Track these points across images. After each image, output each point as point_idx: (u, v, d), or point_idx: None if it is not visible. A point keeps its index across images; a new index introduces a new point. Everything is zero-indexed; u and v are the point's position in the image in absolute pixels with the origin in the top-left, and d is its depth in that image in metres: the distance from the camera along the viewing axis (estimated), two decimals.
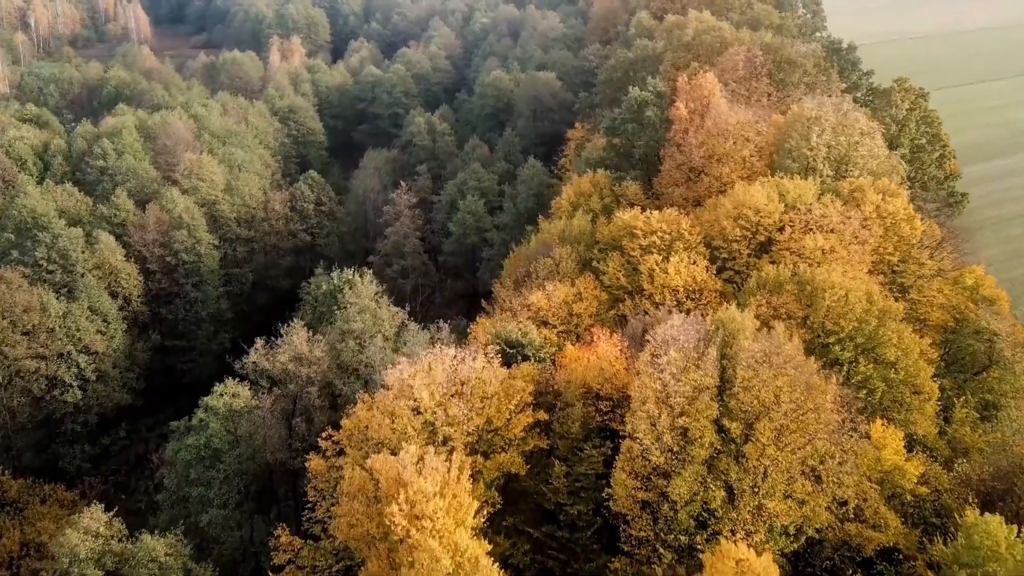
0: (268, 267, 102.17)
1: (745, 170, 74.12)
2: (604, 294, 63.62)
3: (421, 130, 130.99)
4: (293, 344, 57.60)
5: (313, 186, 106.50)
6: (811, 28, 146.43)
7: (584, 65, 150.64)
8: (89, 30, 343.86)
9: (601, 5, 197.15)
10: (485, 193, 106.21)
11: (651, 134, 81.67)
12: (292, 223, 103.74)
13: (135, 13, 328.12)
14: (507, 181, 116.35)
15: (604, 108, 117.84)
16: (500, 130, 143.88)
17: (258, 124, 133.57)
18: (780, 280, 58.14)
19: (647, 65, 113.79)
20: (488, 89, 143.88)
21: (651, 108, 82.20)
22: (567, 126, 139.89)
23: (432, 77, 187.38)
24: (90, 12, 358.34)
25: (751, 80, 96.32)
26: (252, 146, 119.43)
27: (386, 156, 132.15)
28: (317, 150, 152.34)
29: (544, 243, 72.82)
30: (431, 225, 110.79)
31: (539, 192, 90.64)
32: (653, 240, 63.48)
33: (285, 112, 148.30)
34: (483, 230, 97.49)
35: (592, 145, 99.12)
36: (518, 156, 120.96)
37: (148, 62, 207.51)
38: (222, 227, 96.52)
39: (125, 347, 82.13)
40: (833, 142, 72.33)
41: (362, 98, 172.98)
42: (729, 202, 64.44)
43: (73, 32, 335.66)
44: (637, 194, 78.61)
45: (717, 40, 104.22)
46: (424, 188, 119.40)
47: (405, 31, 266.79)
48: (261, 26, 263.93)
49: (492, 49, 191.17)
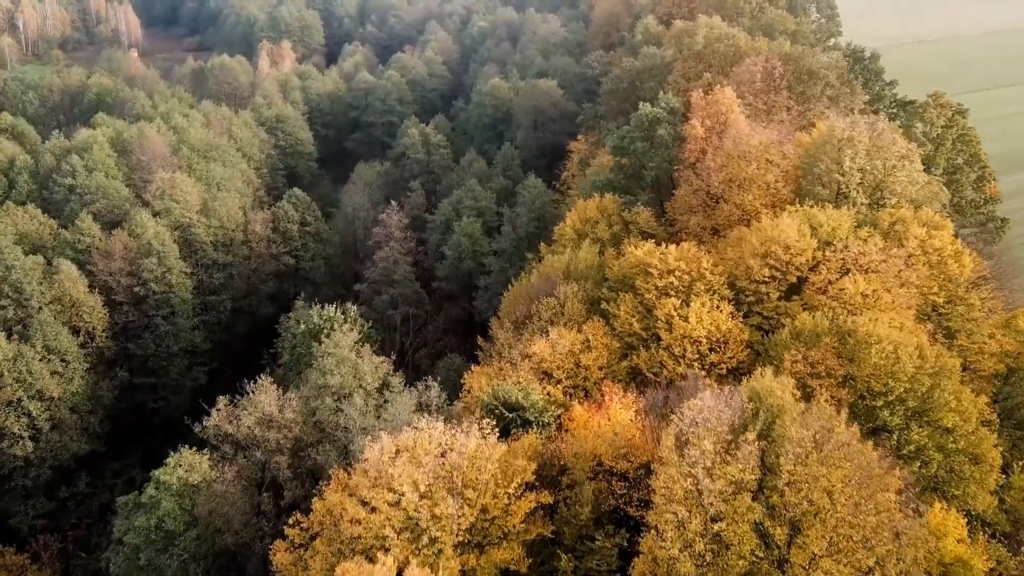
0: (248, 293, 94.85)
1: (770, 197, 66.83)
2: (615, 342, 56.32)
3: (415, 142, 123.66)
4: (260, 405, 50.25)
5: (297, 205, 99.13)
6: (826, 33, 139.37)
7: (587, 72, 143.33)
8: (80, 32, 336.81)
9: (603, 8, 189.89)
10: (482, 213, 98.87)
11: (664, 155, 74.38)
12: (274, 246, 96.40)
13: (125, 15, 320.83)
14: (505, 199, 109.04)
15: (609, 120, 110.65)
16: (499, 141, 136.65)
17: (242, 136, 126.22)
18: (817, 331, 50.86)
19: (655, 75, 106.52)
20: (486, 98, 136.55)
21: (663, 126, 74.93)
22: (569, 137, 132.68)
23: (428, 84, 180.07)
24: (81, 14, 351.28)
25: (769, 93, 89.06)
26: (234, 160, 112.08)
27: (377, 170, 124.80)
28: (306, 161, 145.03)
29: (547, 278, 65.52)
30: (424, 247, 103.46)
31: (541, 215, 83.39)
32: (670, 281, 56.16)
33: (272, 122, 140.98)
34: (480, 254, 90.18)
35: (598, 164, 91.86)
36: (517, 171, 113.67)
37: (134, 67, 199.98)
38: (197, 252, 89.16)
39: (87, 388, 74.81)
40: (868, 166, 65.04)
41: (355, 106, 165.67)
42: (755, 238, 57.13)
43: (63, 34, 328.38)
44: (649, 221, 71.32)
45: (731, 49, 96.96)
46: (417, 205, 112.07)
47: (401, 34, 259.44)
48: (252, 29, 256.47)
49: (490, 54, 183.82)
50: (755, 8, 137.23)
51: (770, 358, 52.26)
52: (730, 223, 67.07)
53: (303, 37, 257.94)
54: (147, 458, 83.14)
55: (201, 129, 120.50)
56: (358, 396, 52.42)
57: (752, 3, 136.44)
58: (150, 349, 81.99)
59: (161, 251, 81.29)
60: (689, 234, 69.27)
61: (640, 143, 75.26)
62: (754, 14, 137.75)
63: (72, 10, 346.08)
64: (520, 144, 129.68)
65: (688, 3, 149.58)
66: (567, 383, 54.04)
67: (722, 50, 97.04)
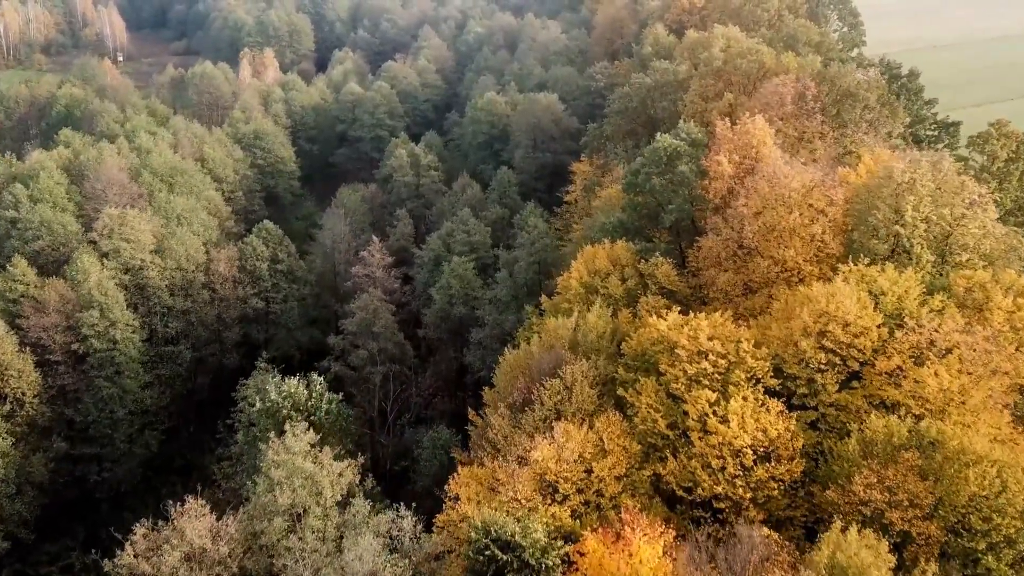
0: (210, 342, 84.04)
1: (815, 251, 56.11)
2: (635, 444, 45.55)
3: (403, 163, 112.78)
4: (187, 535, 39.45)
5: (268, 240, 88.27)
6: (849, 43, 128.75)
7: (590, 85, 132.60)
8: (65, 36, 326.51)
9: (606, 14, 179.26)
10: (475, 249, 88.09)
11: (685, 194, 63.63)
12: (241, 287, 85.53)
13: (110, 18, 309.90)
14: (502, 229, 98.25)
15: (617, 142, 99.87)
16: (495, 160, 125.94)
17: (214, 156, 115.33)
18: (896, 441, 40.15)
19: (668, 93, 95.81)
20: (481, 114, 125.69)
21: (685, 161, 64.14)
22: (572, 156, 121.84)
23: (420, 94, 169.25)
24: (67, 16, 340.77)
25: (802, 118, 78.41)
26: (202, 187, 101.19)
27: (362, 194, 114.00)
28: (287, 180, 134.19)
29: (550, 348, 54.76)
30: (411, 284, 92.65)
31: (541, 259, 72.64)
32: (703, 367, 45.40)
33: (250, 138, 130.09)
34: (472, 298, 79.40)
35: (606, 198, 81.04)
36: (515, 198, 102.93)
37: (110, 76, 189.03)
38: (150, 298, 78.35)
39: (13, 464, 63.98)
40: (934, 216, 54.33)
41: (342, 119, 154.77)
42: (807, 312, 46.34)
43: (47, 38, 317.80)
44: (670, 276, 60.50)
45: (755, 66, 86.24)
46: (404, 236, 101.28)
47: (395, 39, 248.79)
48: (239, 34, 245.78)
49: (486, 63, 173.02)
50: (773, 16, 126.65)
51: (833, 474, 41.59)
52: (766, 281, 56.34)
53: (292, 43, 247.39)
54: (90, 538, 72.40)
55: (168, 150, 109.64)
56: (314, 517, 41.67)
57: (770, 11, 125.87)
58: (91, 415, 71.22)
59: (104, 303, 70.47)
60: (717, 292, 58.57)
61: (657, 180, 64.48)
62: (771, 22, 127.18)
63: (57, 12, 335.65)
64: (518, 165, 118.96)
65: (699, 11, 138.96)
66: (576, 500, 43.30)
67: (745, 67, 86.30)
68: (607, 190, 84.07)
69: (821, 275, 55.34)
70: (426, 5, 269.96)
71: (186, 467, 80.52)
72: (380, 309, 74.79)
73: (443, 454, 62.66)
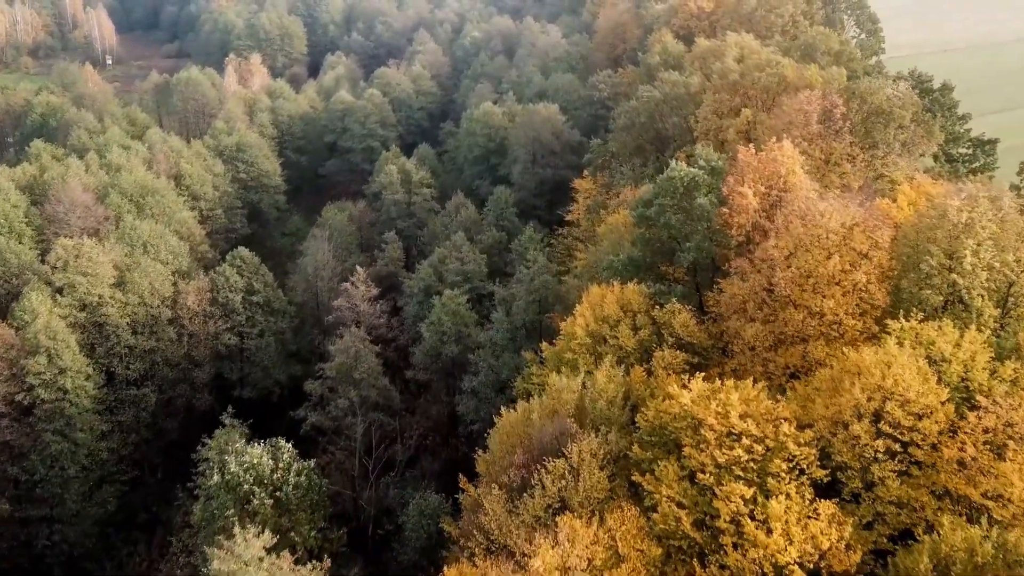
0: (178, 382, 76.54)
1: (857, 301, 48.71)
2: (656, 547, 38.11)
3: (393, 180, 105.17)
4: None
5: (243, 269, 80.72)
6: (868, 51, 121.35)
7: (593, 95, 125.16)
8: (55, 38, 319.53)
9: (608, 17, 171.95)
10: (470, 279, 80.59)
11: (704, 230, 56.16)
12: (212, 322, 77.99)
13: (98, 20, 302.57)
14: (499, 253, 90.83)
15: (623, 160, 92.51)
16: (491, 175, 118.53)
17: (192, 172, 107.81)
18: (980, 560, 32.74)
19: (678, 107, 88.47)
20: (477, 126, 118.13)
21: (703, 192, 56.66)
22: (573, 171, 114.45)
23: (414, 102, 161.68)
24: (56, 18, 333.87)
25: (829, 138, 71.09)
26: (175, 207, 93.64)
27: (350, 212, 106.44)
28: (272, 195, 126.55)
29: (552, 414, 47.34)
30: (400, 315, 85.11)
31: (542, 297, 65.12)
32: (736, 454, 37.96)
33: (232, 151, 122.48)
34: (466, 335, 71.90)
35: (612, 225, 73.52)
36: (513, 219, 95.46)
37: (91, 82, 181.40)
38: (109, 338, 70.83)
39: None
40: (996, 262, 46.96)
41: (331, 129, 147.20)
42: (859, 388, 38.92)
43: (35, 40, 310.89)
44: (688, 326, 53.03)
45: (775, 79, 78.87)
46: (392, 261, 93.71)
47: (390, 43, 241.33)
48: (229, 37, 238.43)
49: (483, 69, 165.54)
50: (787, 23, 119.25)
51: None
52: (802, 336, 48.95)
53: (284, 46, 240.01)
54: None
55: (141, 167, 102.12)
56: None
57: (784, 17, 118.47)
58: (39, 473, 63.71)
59: (52, 347, 62.92)
60: (743, 345, 51.18)
61: (672, 215, 56.99)
62: (785, 28, 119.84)
63: (46, 14, 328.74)
64: (516, 181, 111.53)
65: (708, 16, 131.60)
66: None
67: (764, 81, 78.93)
68: (613, 215, 76.58)
69: (865, 330, 48.08)
70: (422, 7, 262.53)
71: (151, 521, 73.06)
72: (363, 352, 67.21)
73: (431, 524, 55.22)
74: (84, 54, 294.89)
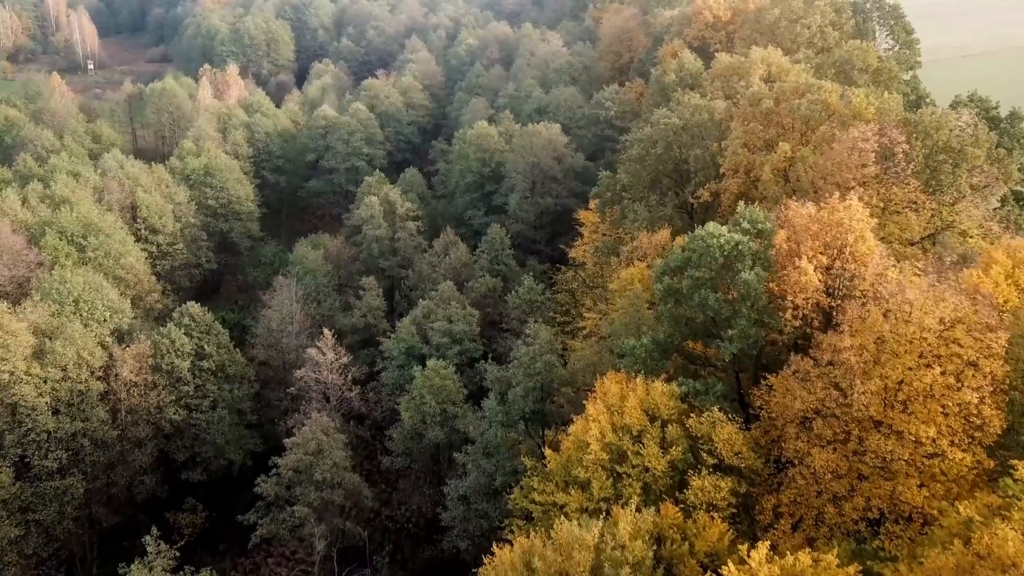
0: (113, 466, 64.52)
1: (964, 426, 36.76)
2: None
3: (375, 213, 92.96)
4: None
5: (192, 329, 68.65)
6: (904, 64, 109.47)
7: (599, 114, 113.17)
8: (37, 42, 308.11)
9: (612, 24, 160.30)
10: (459, 340, 68.54)
11: (752, 315, 44.15)
12: (154, 394, 65.95)
13: (80, 23, 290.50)
14: (493, 303, 78.86)
15: (636, 195, 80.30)
16: (486, 203, 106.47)
17: (149, 202, 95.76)
18: None
19: (700, 136, 76.48)
20: (470, 149, 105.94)
21: (748, 264, 44.62)
22: (577, 199, 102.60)
23: (404, 116, 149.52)
24: (39, 21, 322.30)
25: (890, 184, 59.19)
26: (122, 248, 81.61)
27: (326, 249, 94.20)
28: (244, 223, 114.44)
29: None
30: (377, 381, 73.02)
31: (545, 381, 53.04)
32: None
33: (199, 175, 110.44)
34: (452, 417, 59.90)
35: (628, 280, 61.58)
36: (509, 262, 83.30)
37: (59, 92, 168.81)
38: (23, 423, 58.78)
39: None
40: None
41: (312, 147, 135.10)
42: None
43: (15, 44, 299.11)
44: (734, 443, 41.08)
45: (818, 108, 66.97)
46: (372, 310, 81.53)
47: (382, 48, 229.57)
48: (213, 43, 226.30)
49: (478, 81, 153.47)
50: (814, 35, 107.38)
51: None
52: (893, 470, 36.95)
53: (270, 52, 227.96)
54: None
55: (89, 198, 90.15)
56: None
57: (811, 28, 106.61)
58: None
59: None
60: (807, 474, 39.26)
61: (709, 292, 45.02)
62: (812, 40, 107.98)
63: (27, 16, 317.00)
64: (513, 212, 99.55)
65: (725, 26, 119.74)
66: None
67: (804, 110, 66.98)
68: (628, 269, 64.63)
69: (975, 465, 36.19)
70: (416, 12, 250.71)
71: None
72: (327, 445, 55.11)
73: None
74: (66, 59, 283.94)
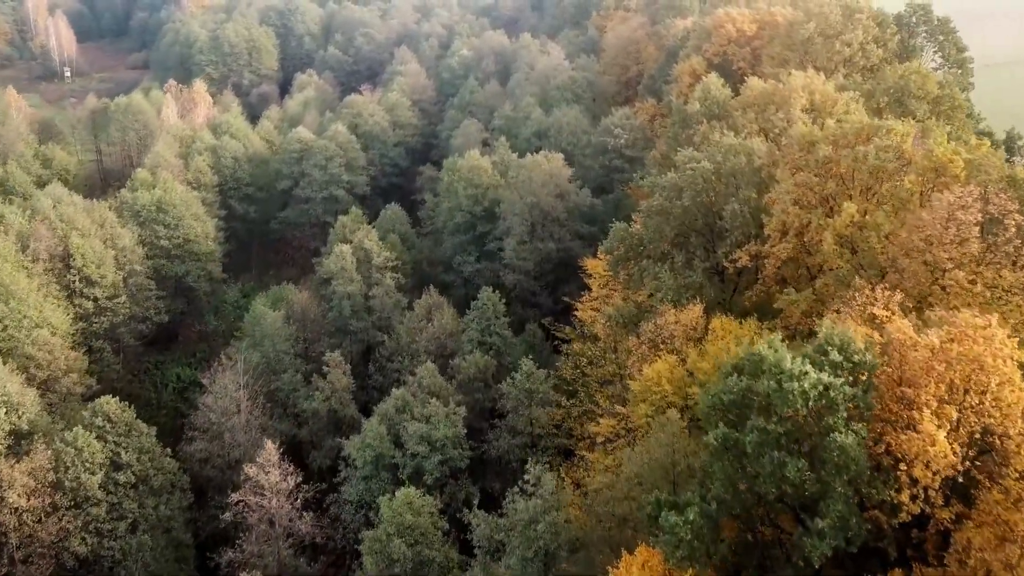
0: None
1: None
2: None
3: (347, 265, 78.88)
4: None
5: (106, 431, 54.68)
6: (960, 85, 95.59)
7: (607, 142, 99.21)
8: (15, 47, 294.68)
9: (618, 34, 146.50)
10: (439, 448, 54.57)
11: (847, 487, 30.26)
12: (54, 519, 51.95)
13: (56, 29, 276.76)
14: (484, 386, 64.91)
15: (654, 254, 66.27)
16: (478, 247, 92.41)
17: (84, 250, 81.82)
18: None
19: (736, 185, 62.54)
20: (460, 184, 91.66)
21: (841, 418, 30.73)
22: (583, 244, 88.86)
23: (390, 136, 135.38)
24: (18, 25, 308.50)
25: (1000, 265, 45.34)
26: (37, 316, 67.63)
27: (288, 307, 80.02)
28: (204, 265, 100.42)
29: None
30: (337, 495, 58.95)
31: (549, 548, 39.14)
32: None
33: (150, 212, 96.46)
34: (429, 562, 46.04)
35: (654, 379, 47.73)
36: (504, 333, 69.02)
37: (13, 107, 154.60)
38: None
39: None
40: None
41: (286, 174, 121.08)
42: None
43: None
44: None
45: (891, 157, 53.15)
46: (337, 392, 67.37)
47: (371, 57, 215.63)
48: (191, 51, 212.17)
49: (472, 98, 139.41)
50: (855, 52, 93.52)
51: None
52: None
53: (251, 61, 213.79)
54: None
55: (12, 246, 76.34)
56: None
57: (852, 46, 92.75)
58: None
59: None
60: None
61: (787, 459, 31.19)
62: (852, 59, 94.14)
63: (5, 21, 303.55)
64: (510, 260, 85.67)
65: (749, 41, 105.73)
66: None
67: (873, 161, 53.12)
68: (653, 366, 50.69)
69: None
70: (408, 17, 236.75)
71: None
72: None
73: None
74: (42, 65, 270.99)
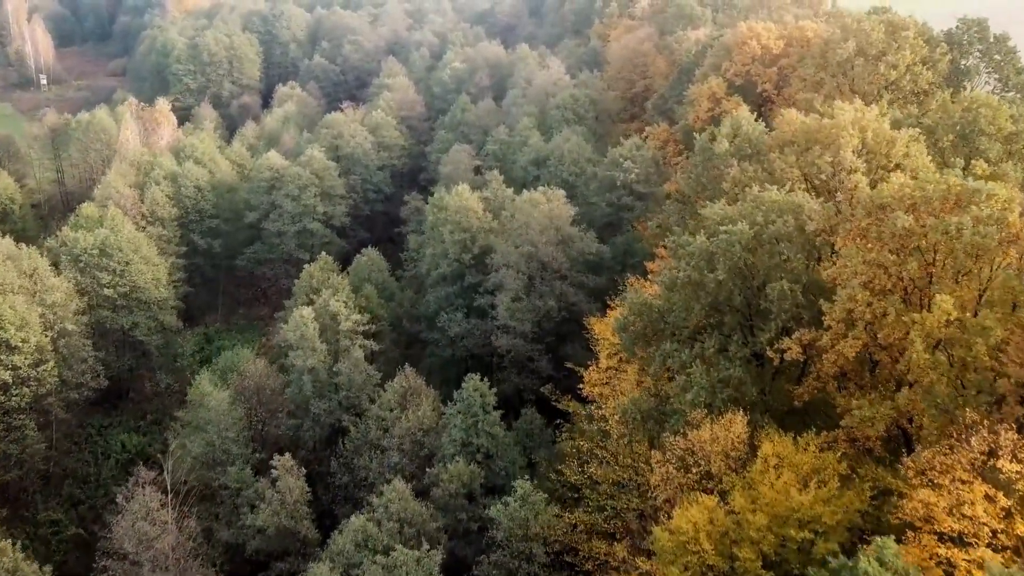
0: None
1: None
2: None
3: (308, 334, 66.37)
4: None
5: None
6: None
7: (615, 176, 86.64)
8: None
9: (623, 45, 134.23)
10: None
11: None
12: None
13: (32, 35, 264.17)
14: (470, 506, 52.29)
15: (682, 332, 53.75)
16: (466, 300, 79.66)
17: (3, 309, 69.28)
18: None
19: (783, 255, 49.98)
20: (446, 228, 78.85)
21: None
22: (588, 298, 76.46)
23: (374, 160, 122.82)
24: None
25: None
26: None
27: (241, 379, 67.39)
28: (155, 315, 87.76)
29: None
30: None
31: None
32: None
33: (91, 257, 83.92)
34: None
35: (691, 536, 35.26)
36: (494, 430, 56.24)
37: None
38: None
39: None
40: None
41: (255, 205, 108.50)
42: None
43: None
44: None
45: (991, 232, 40.67)
46: (289, 508, 54.78)
47: (359, 66, 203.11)
48: (168, 60, 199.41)
49: (464, 117, 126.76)
50: (901, 75, 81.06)
51: None
52: None
53: (232, 71, 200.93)
54: None
55: None
56: None
57: (899, 68, 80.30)
58: None
59: None
60: None
61: None
62: (897, 84, 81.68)
63: None
64: (503, 319, 73.07)
65: (775, 60, 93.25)
66: None
67: (969, 236, 40.62)
68: (686, 512, 38.18)
69: None
70: (400, 24, 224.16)
71: None
72: None
73: None
74: (18, 72, 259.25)
